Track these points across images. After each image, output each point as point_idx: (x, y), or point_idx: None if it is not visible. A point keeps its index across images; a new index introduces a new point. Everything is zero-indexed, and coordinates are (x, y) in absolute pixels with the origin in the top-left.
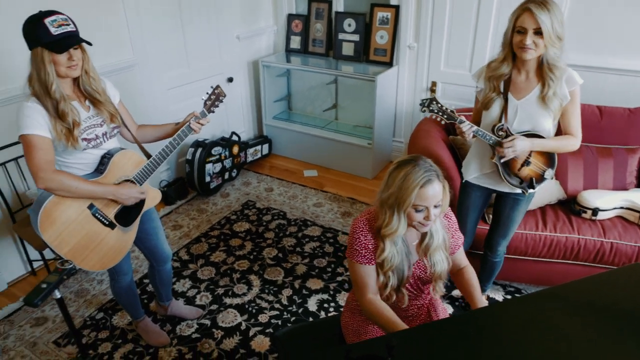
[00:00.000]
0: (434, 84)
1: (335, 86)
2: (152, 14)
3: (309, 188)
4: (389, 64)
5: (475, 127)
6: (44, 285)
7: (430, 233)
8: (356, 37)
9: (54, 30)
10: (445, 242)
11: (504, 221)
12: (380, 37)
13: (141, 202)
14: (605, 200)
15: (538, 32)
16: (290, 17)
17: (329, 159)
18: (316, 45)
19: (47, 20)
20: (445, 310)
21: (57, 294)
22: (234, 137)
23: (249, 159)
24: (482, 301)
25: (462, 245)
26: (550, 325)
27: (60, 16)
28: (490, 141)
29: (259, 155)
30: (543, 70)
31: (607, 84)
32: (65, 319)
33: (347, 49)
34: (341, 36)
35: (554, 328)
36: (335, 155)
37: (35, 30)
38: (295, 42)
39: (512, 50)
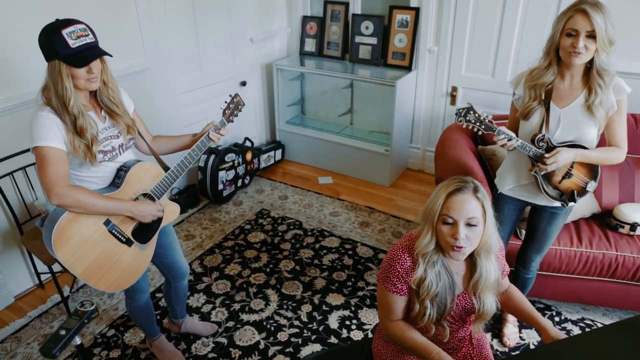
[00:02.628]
0: (454, 89)
1: (350, 90)
2: (164, 17)
3: (324, 196)
4: (408, 68)
5: (514, 141)
6: (63, 332)
7: (481, 271)
8: (374, 40)
9: (72, 43)
10: (497, 283)
11: (539, 236)
12: (399, 41)
13: (159, 218)
14: None
15: (590, 36)
16: (305, 19)
17: (344, 166)
18: (331, 48)
19: (65, 32)
20: (485, 338)
21: (77, 340)
22: (247, 143)
23: (262, 165)
24: (553, 328)
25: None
26: None
27: (79, 26)
28: (530, 153)
29: (272, 161)
30: (591, 76)
31: None
32: None
33: (364, 52)
34: (358, 39)
35: None
36: (351, 162)
37: (53, 43)
38: (310, 44)
39: (557, 56)
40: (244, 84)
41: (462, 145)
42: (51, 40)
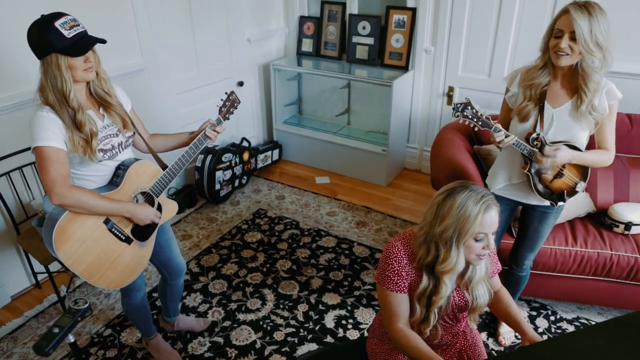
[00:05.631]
0: (451, 89)
1: (347, 90)
2: (161, 17)
3: (321, 196)
4: (405, 68)
5: (510, 138)
6: (56, 330)
7: (475, 266)
8: (370, 41)
9: (67, 33)
10: (487, 272)
11: (531, 235)
12: (396, 41)
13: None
14: (639, 214)
15: (574, 37)
16: (302, 19)
17: (341, 166)
18: (328, 48)
19: (58, 24)
20: (478, 334)
21: (71, 338)
22: (245, 143)
23: (259, 165)
24: (533, 332)
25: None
26: None
27: (69, 17)
28: (525, 151)
29: (269, 161)
30: (577, 80)
31: (635, 91)
32: None
33: (361, 53)
34: (355, 39)
35: None
36: (348, 162)
37: (47, 36)
38: (307, 44)
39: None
40: (241, 84)
41: (458, 144)
42: (45, 34)
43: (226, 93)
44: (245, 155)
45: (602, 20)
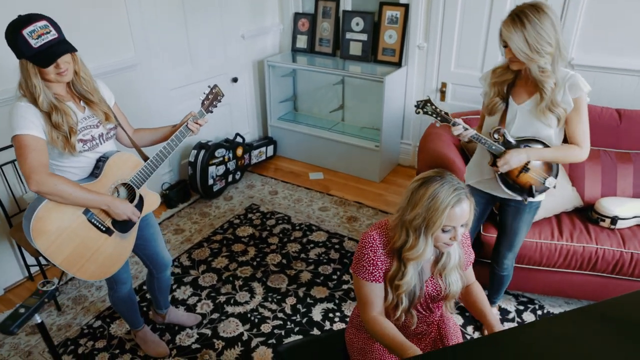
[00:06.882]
0: (444, 85)
1: (342, 87)
2: (154, 12)
3: (314, 191)
4: (398, 64)
5: (469, 131)
6: (22, 310)
7: (448, 252)
8: (364, 37)
9: (34, 43)
10: (461, 260)
11: (508, 232)
12: (389, 37)
13: (139, 207)
14: (625, 208)
15: None
16: (297, 16)
17: (335, 162)
18: (323, 44)
19: (26, 32)
20: (456, 324)
21: (37, 319)
22: (238, 139)
23: (253, 160)
24: (496, 323)
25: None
26: (577, 350)
27: (39, 24)
28: (486, 145)
29: (264, 157)
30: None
31: (625, 86)
32: (47, 345)
33: (355, 49)
34: (349, 35)
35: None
36: (342, 158)
37: (16, 43)
38: (302, 41)
39: None
40: (235, 80)
41: (445, 139)
42: (14, 41)
43: (209, 86)
44: (239, 151)
45: (539, 25)
